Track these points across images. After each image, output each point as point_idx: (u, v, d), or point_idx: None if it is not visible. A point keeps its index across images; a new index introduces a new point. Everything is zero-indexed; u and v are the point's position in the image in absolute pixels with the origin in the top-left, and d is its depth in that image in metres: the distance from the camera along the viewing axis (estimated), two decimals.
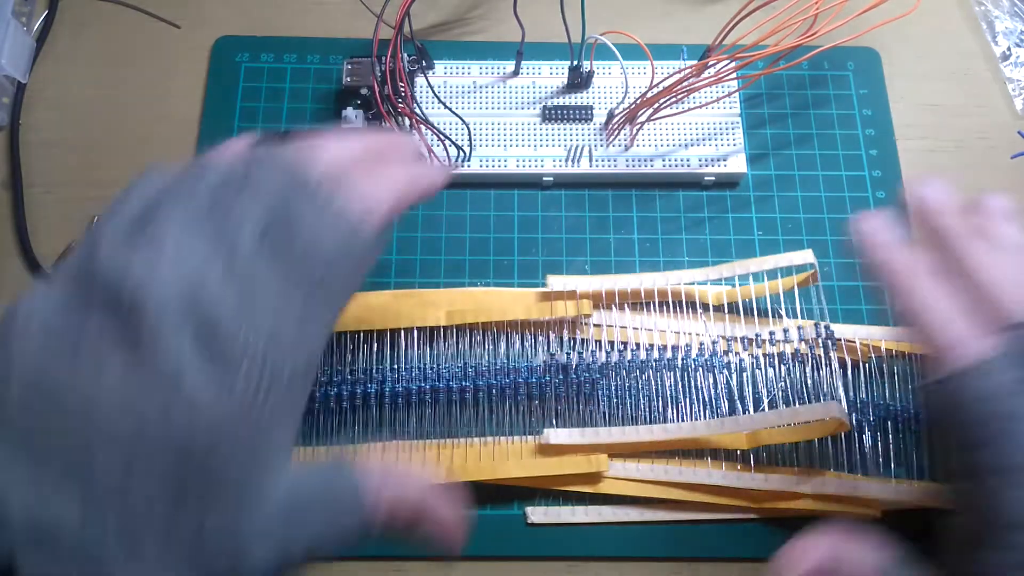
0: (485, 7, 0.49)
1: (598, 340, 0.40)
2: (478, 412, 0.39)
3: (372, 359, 0.39)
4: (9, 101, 0.45)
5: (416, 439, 0.38)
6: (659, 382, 0.38)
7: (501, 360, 0.39)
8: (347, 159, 0.26)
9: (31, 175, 0.44)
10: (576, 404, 0.38)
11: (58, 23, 0.48)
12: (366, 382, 0.38)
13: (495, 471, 0.37)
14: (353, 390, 0.38)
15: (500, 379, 0.38)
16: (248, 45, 0.47)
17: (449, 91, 0.45)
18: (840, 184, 0.45)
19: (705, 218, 0.44)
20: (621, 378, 0.39)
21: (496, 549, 0.37)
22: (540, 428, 0.38)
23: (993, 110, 0.47)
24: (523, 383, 0.38)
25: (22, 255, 0.42)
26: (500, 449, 0.38)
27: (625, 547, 0.37)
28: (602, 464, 0.37)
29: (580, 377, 0.38)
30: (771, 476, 0.37)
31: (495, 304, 0.40)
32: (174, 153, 0.45)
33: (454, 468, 0.37)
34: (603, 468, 0.37)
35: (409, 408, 0.38)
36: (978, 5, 0.50)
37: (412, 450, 0.37)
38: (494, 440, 0.38)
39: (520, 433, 0.38)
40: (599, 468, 0.37)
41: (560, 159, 0.43)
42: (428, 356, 0.39)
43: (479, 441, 0.38)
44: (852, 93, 0.47)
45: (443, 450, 0.37)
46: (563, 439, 0.37)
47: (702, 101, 0.44)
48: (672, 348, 0.39)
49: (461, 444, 0.38)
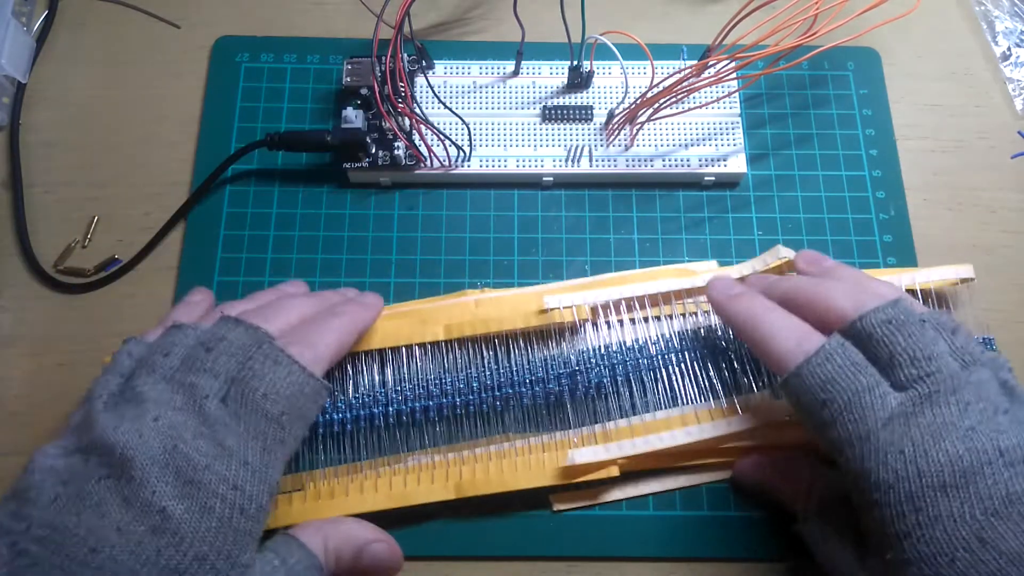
0: (485, 7, 0.49)
1: (595, 323, 0.40)
2: (483, 424, 0.38)
3: (373, 380, 0.38)
4: (9, 101, 0.45)
5: (421, 459, 0.38)
6: (664, 371, 0.38)
7: (504, 371, 0.38)
8: (296, 318, 0.34)
9: (31, 175, 0.44)
10: (585, 404, 0.38)
11: (58, 23, 0.48)
12: (371, 404, 0.37)
13: (505, 484, 0.37)
14: (357, 413, 0.37)
15: (504, 390, 0.38)
16: (248, 45, 0.47)
17: (449, 91, 0.45)
18: (840, 184, 0.45)
19: (705, 218, 0.44)
20: (625, 371, 0.38)
21: (496, 550, 0.37)
22: (552, 432, 0.38)
23: (993, 110, 0.47)
24: (528, 392, 0.38)
25: (22, 255, 0.42)
26: (509, 461, 0.37)
27: (625, 547, 0.37)
28: (613, 472, 0.37)
29: (587, 379, 0.38)
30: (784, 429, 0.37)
31: (492, 316, 0.39)
32: (174, 153, 0.45)
33: (463, 483, 0.37)
34: (614, 475, 0.37)
35: (413, 426, 0.38)
36: (978, 5, 0.50)
37: (420, 469, 0.37)
38: (503, 451, 0.38)
39: (527, 434, 0.38)
40: (609, 475, 0.37)
41: (560, 159, 0.43)
42: (430, 371, 0.39)
43: (489, 452, 0.37)
44: (852, 93, 0.47)
45: (452, 467, 0.37)
46: (588, 458, 0.36)
47: (702, 101, 0.44)
48: (678, 317, 0.40)
49: (470, 458, 0.37)
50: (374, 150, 0.43)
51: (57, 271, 0.42)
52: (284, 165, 0.44)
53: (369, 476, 0.37)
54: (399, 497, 0.36)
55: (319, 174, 0.44)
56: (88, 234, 0.43)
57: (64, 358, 0.40)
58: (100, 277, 0.42)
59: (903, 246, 0.43)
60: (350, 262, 0.42)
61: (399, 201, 0.44)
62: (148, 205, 0.43)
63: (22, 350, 0.41)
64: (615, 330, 0.40)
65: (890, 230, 0.44)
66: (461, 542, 0.37)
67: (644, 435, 0.37)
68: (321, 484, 0.37)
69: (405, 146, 0.42)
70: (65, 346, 0.41)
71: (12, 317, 0.41)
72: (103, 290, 0.42)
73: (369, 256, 0.42)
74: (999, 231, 0.44)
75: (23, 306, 0.41)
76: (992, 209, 0.45)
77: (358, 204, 0.44)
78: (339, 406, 0.37)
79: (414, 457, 0.38)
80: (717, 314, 0.36)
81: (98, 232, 0.43)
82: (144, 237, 0.43)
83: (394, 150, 0.43)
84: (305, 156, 0.45)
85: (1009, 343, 0.41)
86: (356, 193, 0.44)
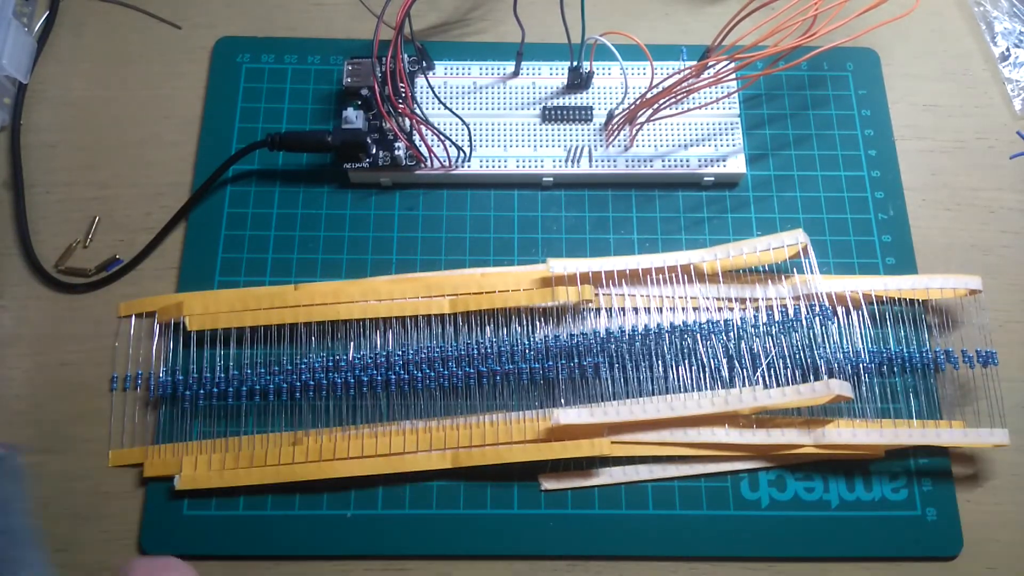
0: (485, 7, 0.49)
1: (598, 309, 0.40)
2: (480, 396, 0.39)
3: (375, 345, 0.40)
4: (10, 101, 0.45)
5: (418, 424, 0.39)
6: (660, 350, 0.39)
7: (504, 344, 0.39)
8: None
9: (32, 175, 0.44)
10: (581, 382, 0.39)
11: (59, 23, 0.48)
12: (373, 367, 0.39)
13: (499, 456, 0.38)
14: (360, 376, 0.39)
15: (504, 363, 0.39)
16: (249, 46, 0.47)
17: (449, 91, 0.45)
18: (839, 184, 0.45)
19: (704, 218, 0.44)
20: (623, 349, 0.39)
21: (496, 548, 0.37)
22: (544, 409, 0.39)
23: (992, 110, 0.47)
24: (526, 367, 0.39)
25: (23, 255, 0.42)
26: (504, 432, 0.38)
27: (625, 546, 0.37)
28: (604, 448, 0.37)
29: (584, 359, 0.39)
30: (772, 431, 0.38)
31: (498, 288, 0.40)
32: (174, 153, 0.45)
33: (458, 454, 0.38)
34: (606, 452, 0.37)
35: (414, 394, 0.39)
36: (977, 6, 0.50)
37: (418, 434, 0.38)
38: (497, 423, 0.38)
39: (523, 410, 0.39)
40: (602, 452, 0.37)
41: (560, 159, 0.44)
42: (429, 338, 0.40)
43: (482, 423, 0.39)
44: (851, 93, 0.47)
45: (449, 432, 0.38)
46: (572, 419, 0.37)
47: (701, 102, 0.44)
48: (670, 311, 0.40)
49: (465, 427, 0.38)
50: (374, 150, 0.43)
51: (58, 271, 0.42)
52: (285, 165, 0.45)
53: (368, 439, 0.38)
54: (396, 463, 0.38)
55: (320, 174, 0.44)
56: (89, 234, 0.43)
57: (65, 358, 0.41)
58: (101, 277, 0.42)
59: (902, 246, 0.43)
60: (350, 262, 0.42)
61: (399, 201, 0.44)
62: (149, 205, 0.44)
63: (23, 350, 0.41)
64: (613, 303, 0.40)
65: (889, 230, 0.44)
66: (461, 541, 0.37)
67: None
68: (319, 440, 0.38)
69: (405, 146, 0.42)
70: (66, 346, 0.41)
71: (13, 317, 0.41)
72: (104, 290, 0.42)
73: (370, 256, 0.43)
74: (998, 231, 0.44)
75: (24, 306, 0.42)
76: (991, 209, 0.45)
77: (358, 204, 0.44)
78: (341, 366, 0.39)
79: (411, 423, 0.39)
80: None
81: (99, 232, 0.43)
82: (145, 237, 0.43)
83: (394, 150, 0.43)
84: (306, 157, 0.45)
85: (1008, 344, 0.42)
86: (356, 193, 0.44)
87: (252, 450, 0.38)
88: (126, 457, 0.39)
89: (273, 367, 0.39)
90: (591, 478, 0.38)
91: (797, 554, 0.38)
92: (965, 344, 0.41)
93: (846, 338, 0.40)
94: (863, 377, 0.40)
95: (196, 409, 0.39)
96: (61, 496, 0.38)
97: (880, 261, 0.43)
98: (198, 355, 0.40)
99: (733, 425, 0.38)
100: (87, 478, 0.38)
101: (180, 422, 0.39)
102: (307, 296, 0.40)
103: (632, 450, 0.38)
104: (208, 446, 0.39)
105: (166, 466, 0.38)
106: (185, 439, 0.39)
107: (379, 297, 0.40)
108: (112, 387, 0.40)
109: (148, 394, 0.40)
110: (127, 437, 0.39)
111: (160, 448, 0.39)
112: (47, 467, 0.39)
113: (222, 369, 0.40)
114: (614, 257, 0.41)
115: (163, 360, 0.40)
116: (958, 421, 0.40)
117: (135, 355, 0.40)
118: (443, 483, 0.38)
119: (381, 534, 0.37)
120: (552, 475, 0.38)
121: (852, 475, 0.39)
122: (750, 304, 0.41)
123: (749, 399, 0.37)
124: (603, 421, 0.37)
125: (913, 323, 0.41)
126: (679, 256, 0.41)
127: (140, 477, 0.38)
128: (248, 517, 0.38)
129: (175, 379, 0.39)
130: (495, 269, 0.42)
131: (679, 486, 0.38)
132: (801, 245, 0.40)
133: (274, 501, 0.38)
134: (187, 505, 0.38)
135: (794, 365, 0.39)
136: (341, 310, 0.40)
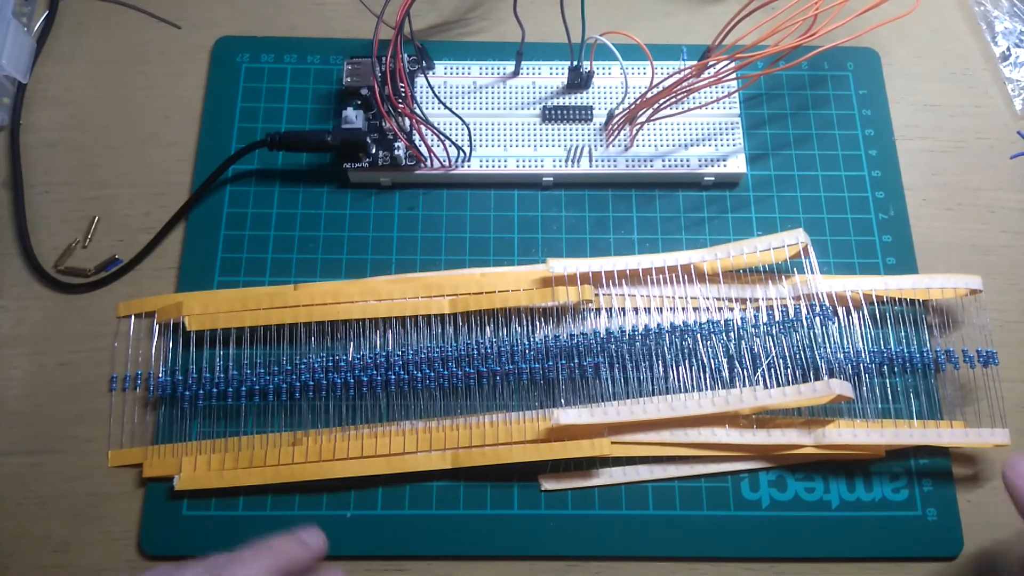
0: (485, 7, 0.49)
1: (598, 309, 0.40)
2: (480, 397, 0.39)
3: (375, 345, 0.40)
4: (10, 101, 0.45)
5: (418, 424, 0.39)
6: (660, 350, 0.39)
7: (504, 344, 0.39)
8: None
9: (31, 175, 0.44)
10: (581, 383, 0.39)
11: (58, 23, 0.48)
12: (373, 367, 0.39)
13: (499, 456, 0.38)
14: (360, 377, 0.39)
15: (504, 363, 0.39)
16: (248, 45, 0.47)
17: (449, 91, 0.45)
18: (839, 184, 0.45)
19: (705, 218, 0.44)
20: (623, 350, 0.39)
21: (496, 549, 0.37)
22: (544, 409, 0.39)
23: (992, 110, 0.47)
24: (526, 368, 0.39)
25: (23, 255, 0.42)
26: (504, 432, 0.38)
27: (625, 546, 0.37)
28: (604, 448, 0.37)
29: (584, 359, 0.39)
30: (773, 431, 0.38)
31: (498, 288, 0.40)
32: (174, 153, 0.45)
33: (458, 454, 0.38)
34: (606, 452, 0.37)
35: (414, 394, 0.39)
36: (977, 5, 0.50)
37: (418, 434, 0.38)
38: (497, 423, 0.38)
39: (523, 410, 0.39)
40: (602, 452, 0.37)
41: (560, 159, 0.44)
42: (429, 338, 0.40)
43: (482, 423, 0.39)
44: (852, 93, 0.47)
45: (449, 432, 0.38)
46: (572, 419, 0.37)
47: (702, 101, 0.44)
48: (670, 311, 0.40)
49: (465, 427, 0.38)
50: (374, 150, 0.43)
51: (58, 271, 0.42)
52: (284, 165, 0.44)
53: (367, 440, 0.38)
54: (396, 463, 0.38)
55: (319, 174, 0.44)
56: (88, 234, 0.43)
57: (65, 358, 0.41)
58: (100, 277, 0.42)
59: (902, 246, 0.43)
60: (350, 262, 0.42)
61: (399, 201, 0.44)
62: (148, 205, 0.44)
63: (23, 350, 0.41)
64: (613, 302, 0.40)
65: (889, 230, 0.44)
66: (461, 542, 0.37)
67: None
68: (318, 440, 0.38)
69: (405, 146, 0.42)
70: (66, 346, 0.41)
71: (12, 317, 0.41)
72: (103, 290, 0.42)
73: (369, 256, 0.43)
74: (998, 231, 0.44)
75: (23, 306, 0.42)
76: (991, 209, 0.45)
77: (358, 204, 0.44)
78: (340, 366, 0.39)
79: (411, 423, 0.39)
80: (1010, 493, 0.34)
81: (98, 232, 0.43)
82: (144, 237, 0.43)
83: (394, 150, 0.43)
84: (305, 156, 0.45)
85: (1008, 344, 0.42)
86: (356, 193, 0.44)
87: (252, 450, 0.38)
88: (125, 457, 0.39)
89: (273, 367, 0.39)
90: (591, 478, 0.38)
91: (797, 554, 0.38)
92: (965, 344, 0.41)
93: (846, 338, 0.40)
94: (863, 377, 0.40)
95: (195, 409, 0.39)
96: (61, 496, 0.38)
97: (880, 261, 0.43)
98: (197, 355, 0.40)
99: (733, 425, 0.38)
100: (87, 478, 0.38)
101: (179, 422, 0.39)
102: (307, 296, 0.40)
103: (632, 450, 0.38)
104: (208, 446, 0.39)
105: (166, 466, 0.38)
106: (184, 439, 0.39)
107: (379, 297, 0.40)
108: (111, 387, 0.40)
109: (147, 394, 0.40)
110: (126, 437, 0.39)
111: (159, 448, 0.39)
112: (47, 467, 0.39)
113: (221, 369, 0.40)
114: (614, 257, 0.41)
115: (162, 360, 0.40)
116: (958, 421, 0.40)
117: (134, 355, 0.40)
118: (443, 483, 0.38)
119: (381, 534, 0.37)
120: (552, 475, 0.38)
121: (852, 475, 0.39)
122: (750, 304, 0.41)
123: (749, 399, 0.37)
124: (603, 421, 0.37)
125: (913, 323, 0.41)
126: (679, 256, 0.41)
127: (139, 477, 0.38)
128: (248, 517, 0.38)
129: (174, 379, 0.39)
130: (495, 269, 0.42)
131: (679, 486, 0.38)
132: (801, 245, 0.40)
133: (274, 501, 0.38)
134: (186, 505, 0.38)
135: (794, 365, 0.39)
136: (341, 310, 0.40)
